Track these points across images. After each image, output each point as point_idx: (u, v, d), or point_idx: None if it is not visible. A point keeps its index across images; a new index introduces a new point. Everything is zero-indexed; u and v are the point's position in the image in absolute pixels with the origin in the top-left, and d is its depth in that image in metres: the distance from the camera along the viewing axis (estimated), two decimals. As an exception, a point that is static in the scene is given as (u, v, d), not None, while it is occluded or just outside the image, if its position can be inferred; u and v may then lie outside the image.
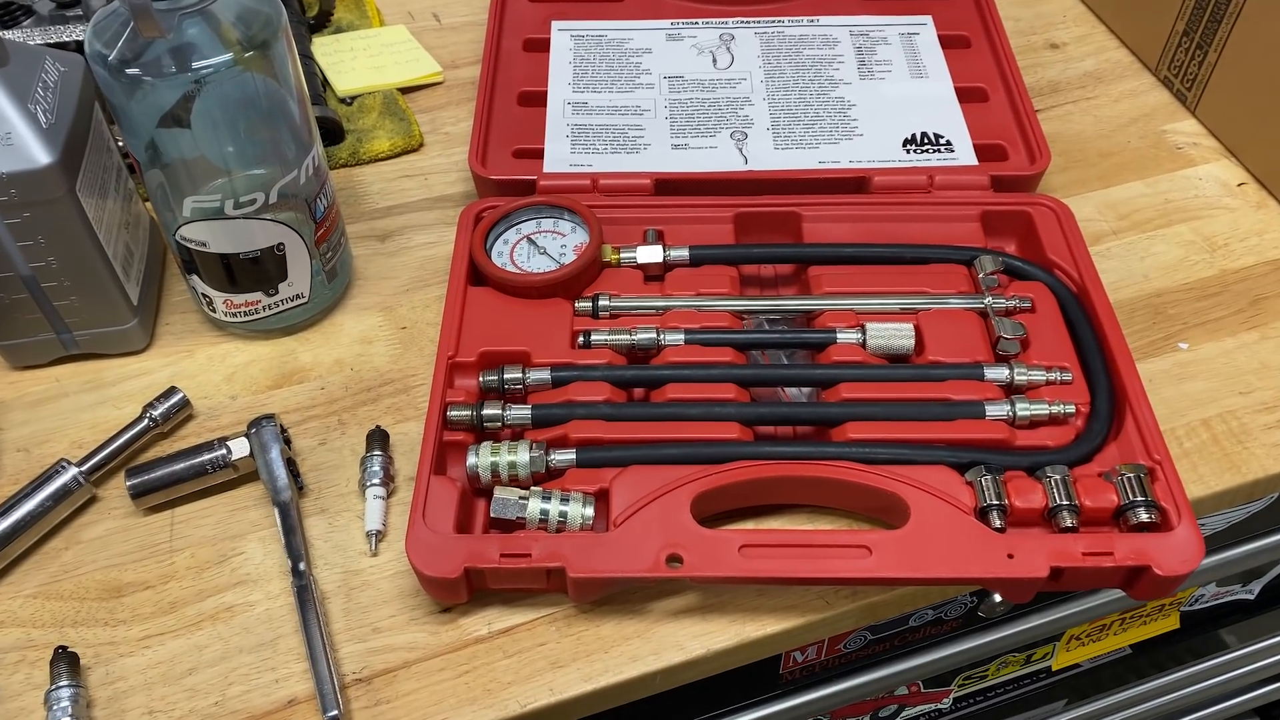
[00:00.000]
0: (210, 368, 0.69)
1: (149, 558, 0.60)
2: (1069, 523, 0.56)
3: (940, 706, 0.78)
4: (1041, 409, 0.60)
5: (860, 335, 0.64)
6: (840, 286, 0.67)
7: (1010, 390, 0.62)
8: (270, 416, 0.62)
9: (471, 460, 0.59)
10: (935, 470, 0.58)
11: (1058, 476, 0.57)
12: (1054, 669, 0.80)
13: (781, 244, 0.71)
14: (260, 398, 0.67)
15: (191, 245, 0.64)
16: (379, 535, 0.60)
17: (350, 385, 0.68)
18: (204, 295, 0.68)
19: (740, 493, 0.58)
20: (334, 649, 0.56)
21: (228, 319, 0.68)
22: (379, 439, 0.63)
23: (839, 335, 0.64)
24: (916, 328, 0.64)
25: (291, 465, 0.61)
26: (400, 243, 0.76)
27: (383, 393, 0.67)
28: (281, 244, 0.65)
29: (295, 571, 0.57)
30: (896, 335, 0.64)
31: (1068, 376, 0.62)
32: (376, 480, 0.61)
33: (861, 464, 0.58)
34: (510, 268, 0.68)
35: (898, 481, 0.57)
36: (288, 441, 0.62)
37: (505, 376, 0.62)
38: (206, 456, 0.61)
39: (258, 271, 0.66)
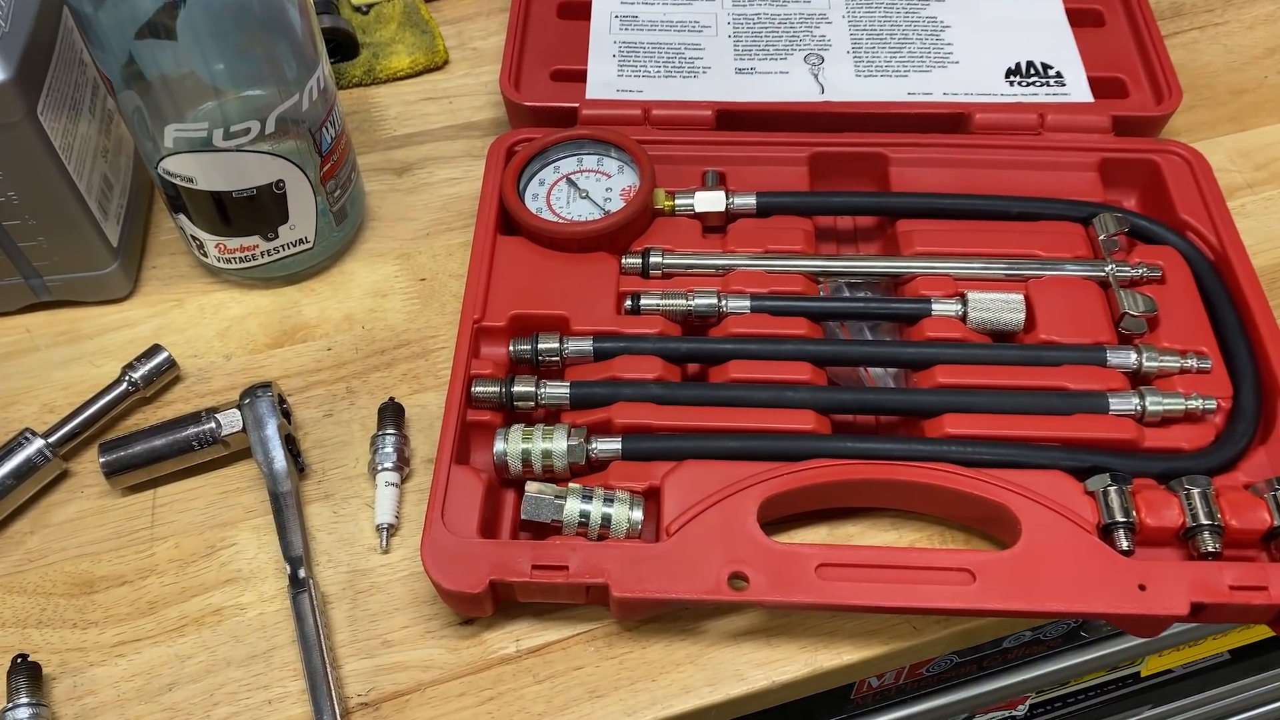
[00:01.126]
0: (202, 321, 0.60)
1: (126, 547, 0.52)
2: (1211, 547, 0.47)
3: (1015, 713, 0.71)
4: (1176, 403, 0.50)
5: (960, 306, 0.54)
6: (934, 246, 0.57)
7: (1137, 379, 0.52)
8: (267, 385, 0.53)
9: (500, 446, 0.50)
10: (1049, 476, 0.48)
11: (1197, 489, 0.48)
12: (1142, 675, 0.72)
13: (864, 192, 0.61)
14: (258, 358, 0.58)
15: (177, 181, 0.55)
16: (391, 529, 0.52)
17: (361, 346, 0.59)
18: (194, 238, 0.59)
19: (816, 495, 0.49)
20: (336, 666, 0.48)
21: (222, 265, 0.59)
22: (392, 414, 0.54)
23: (934, 306, 0.54)
24: (1026, 298, 0.54)
25: (291, 443, 0.53)
26: (420, 177, 0.66)
27: (398, 356, 0.58)
28: (281, 181, 0.56)
29: (293, 579, 0.49)
30: (1004, 307, 0.54)
31: (1206, 363, 0.52)
32: (389, 464, 0.52)
33: (961, 466, 0.49)
34: (546, 214, 0.58)
35: (1005, 489, 0.48)
36: (287, 414, 0.54)
37: (540, 347, 0.53)
38: (192, 430, 0.52)
39: (254, 212, 0.56)
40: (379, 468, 0.52)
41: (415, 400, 0.56)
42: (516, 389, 0.52)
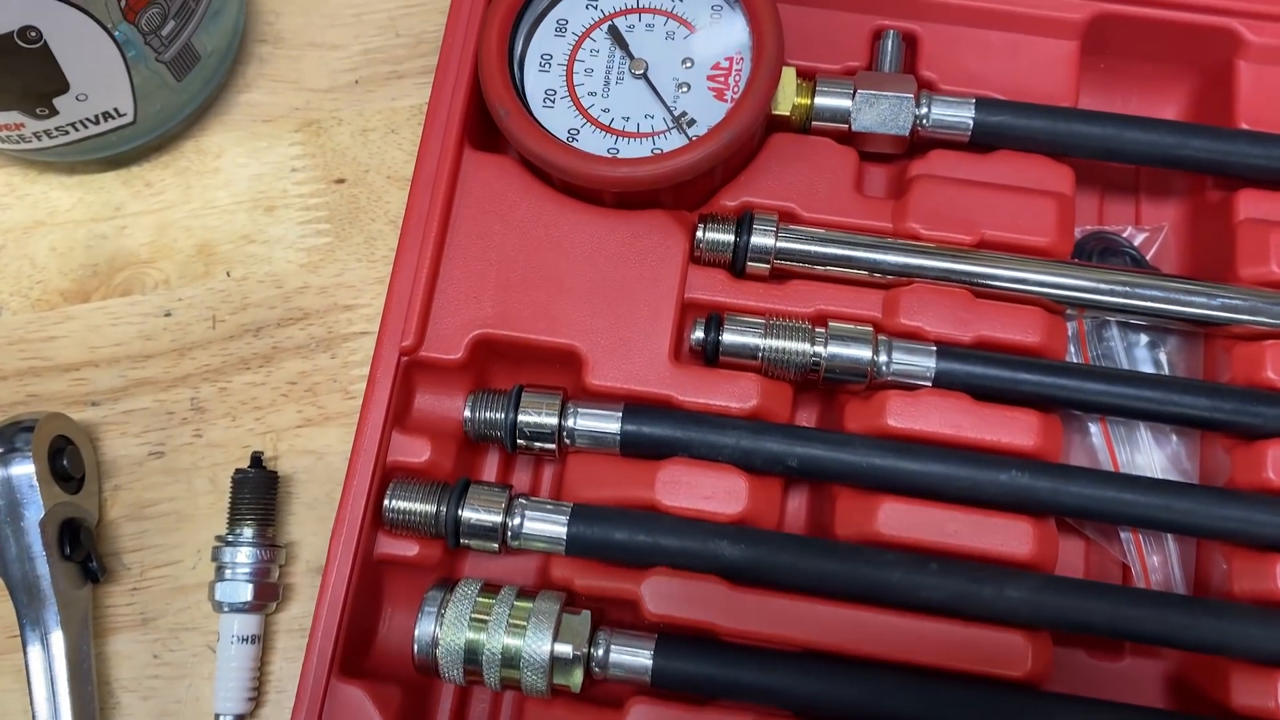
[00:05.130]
0: (-44, 225, 0.34)
1: None
2: None
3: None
4: None
5: (1346, 423, 0.28)
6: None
7: None
8: (29, 427, 0.29)
9: (426, 628, 0.27)
10: None
11: None
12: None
13: (1186, 128, 0.31)
14: (45, 320, 0.33)
15: None
16: None
17: (224, 313, 0.33)
18: (-89, 88, 0.32)
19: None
20: None
21: (-23, 133, 0.33)
22: (253, 495, 0.30)
23: (1300, 417, 0.28)
24: None
25: (74, 534, 0.30)
26: (355, -45, 0.37)
27: (285, 342, 0.33)
28: (32, 30, 0.28)
29: None
30: None
31: None
32: (240, 600, 0.29)
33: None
34: (562, 113, 0.30)
35: None
36: (67, 475, 0.30)
37: (522, 420, 0.28)
38: (-110, 504, 0.29)
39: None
40: (224, 606, 0.29)
41: (306, 442, 0.32)
42: (469, 515, 0.27)
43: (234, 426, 0.32)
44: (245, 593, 0.29)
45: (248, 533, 0.30)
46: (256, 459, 0.31)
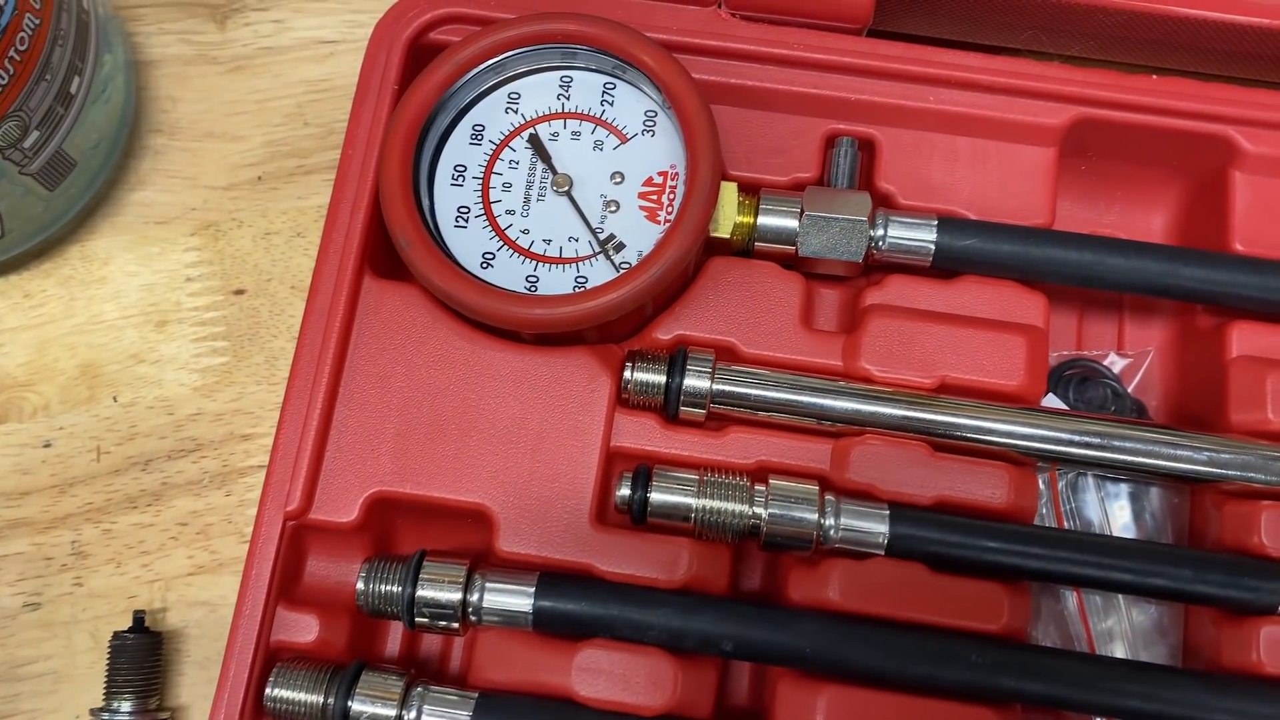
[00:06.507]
0: None
1: None
2: None
3: None
4: None
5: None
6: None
7: None
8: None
9: (315, 836, 0.24)
10: None
11: None
12: None
13: (1188, 254, 0.28)
14: (-86, 446, 0.30)
15: None
16: None
17: (111, 443, 0.30)
18: None
19: None
20: None
21: None
22: (131, 661, 0.27)
23: (1292, 592, 0.25)
24: None
25: (-70, 709, 0.27)
26: (259, 34, 0.33)
27: (176, 477, 0.30)
28: None
29: None
30: None
31: None
32: (115, 786, 0.26)
33: None
34: (478, 238, 0.27)
35: None
36: (-74, 641, 0.27)
37: (421, 595, 0.25)
38: None
39: None
40: (96, 791, 0.26)
41: (197, 592, 0.29)
42: (359, 708, 0.24)
43: (119, 574, 0.29)
44: (121, 774, 0.26)
45: (126, 706, 0.27)
46: (138, 620, 0.28)
